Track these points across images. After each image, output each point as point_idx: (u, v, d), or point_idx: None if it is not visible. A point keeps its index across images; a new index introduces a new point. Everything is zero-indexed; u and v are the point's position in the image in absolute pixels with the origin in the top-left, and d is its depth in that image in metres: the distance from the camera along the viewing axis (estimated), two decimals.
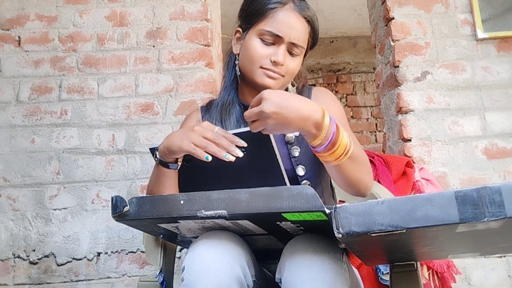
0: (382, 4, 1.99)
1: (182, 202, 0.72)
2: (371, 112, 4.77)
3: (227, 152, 0.85)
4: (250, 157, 0.85)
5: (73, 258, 1.74)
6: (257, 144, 0.86)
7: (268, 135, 0.85)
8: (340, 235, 0.61)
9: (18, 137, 1.84)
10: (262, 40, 1.03)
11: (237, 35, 1.12)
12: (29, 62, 1.91)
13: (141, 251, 1.74)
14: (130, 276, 1.73)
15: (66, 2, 1.96)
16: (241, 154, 0.85)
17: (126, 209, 0.77)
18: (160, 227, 0.83)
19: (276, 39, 1.02)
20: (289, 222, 0.73)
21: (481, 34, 1.85)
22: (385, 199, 0.60)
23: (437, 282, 1.51)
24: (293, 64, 1.06)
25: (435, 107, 1.82)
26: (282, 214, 0.68)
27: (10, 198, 1.79)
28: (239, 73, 1.10)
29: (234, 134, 0.86)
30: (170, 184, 0.96)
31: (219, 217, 0.70)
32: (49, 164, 1.82)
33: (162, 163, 0.94)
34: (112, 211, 0.78)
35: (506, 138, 1.79)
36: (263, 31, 1.03)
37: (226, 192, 0.70)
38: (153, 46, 1.92)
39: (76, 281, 1.72)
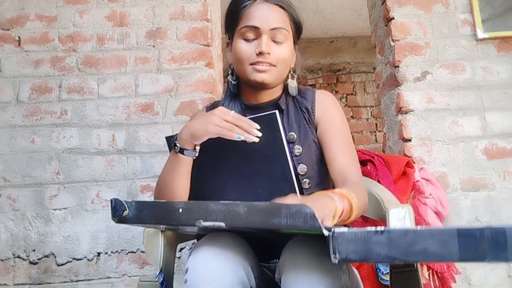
0: (382, 4, 1.99)
1: (180, 210, 0.72)
2: (371, 112, 4.77)
3: (248, 133, 0.90)
4: (259, 142, 0.89)
5: (73, 258, 1.74)
6: (266, 128, 0.89)
7: (277, 121, 0.89)
8: (336, 260, 0.60)
9: (18, 137, 1.84)
10: (245, 40, 1.06)
11: (228, 46, 1.16)
12: (29, 62, 1.91)
13: (141, 251, 1.74)
14: (130, 276, 1.73)
15: (66, 2, 1.96)
16: (260, 134, 0.90)
17: (125, 213, 0.77)
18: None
19: (256, 32, 1.04)
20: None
21: (481, 34, 1.85)
22: (384, 228, 0.58)
23: (437, 282, 1.51)
24: (281, 51, 1.06)
25: (435, 107, 1.82)
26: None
27: (10, 198, 1.79)
28: (233, 81, 1.13)
29: (249, 118, 0.91)
30: (187, 172, 0.99)
31: (218, 228, 0.70)
32: (49, 164, 1.82)
33: (182, 151, 0.97)
34: (112, 214, 0.79)
35: (506, 138, 1.79)
36: (242, 30, 1.06)
37: (224, 204, 0.69)
38: (153, 46, 1.92)
39: (76, 281, 1.72)
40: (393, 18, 1.90)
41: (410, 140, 1.79)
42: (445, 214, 1.66)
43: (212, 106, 1.20)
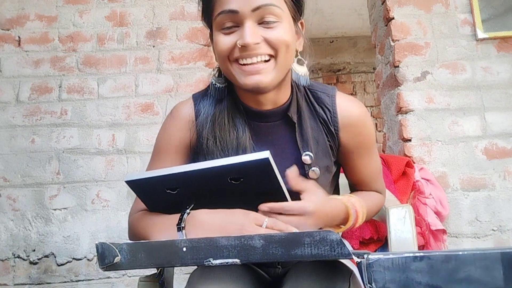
0: (382, 4, 1.99)
1: (184, 249, 0.63)
2: (371, 112, 4.77)
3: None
4: (248, 186, 0.74)
5: (73, 258, 1.74)
6: (258, 174, 0.73)
7: (271, 166, 0.71)
8: None
9: (18, 137, 1.84)
10: (223, 32, 0.80)
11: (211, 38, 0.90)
12: (29, 62, 1.91)
13: None
14: (130, 276, 1.73)
15: (66, 2, 1.96)
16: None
17: (117, 259, 0.65)
18: None
19: (234, 18, 0.78)
20: None
21: (481, 34, 1.85)
22: (423, 253, 0.54)
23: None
24: (275, 33, 0.78)
25: (435, 107, 1.82)
26: None
27: (10, 198, 1.79)
28: (221, 84, 0.90)
29: (233, 164, 0.71)
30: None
31: (231, 264, 0.62)
32: (49, 164, 1.82)
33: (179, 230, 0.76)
34: (99, 262, 0.65)
35: (506, 138, 1.79)
36: (217, 19, 0.80)
37: (237, 238, 0.61)
38: (153, 46, 1.92)
39: (76, 281, 1.72)
40: (393, 18, 1.90)
41: (410, 140, 1.79)
42: (445, 214, 1.66)
43: (202, 98, 0.95)
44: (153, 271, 0.95)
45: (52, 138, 1.84)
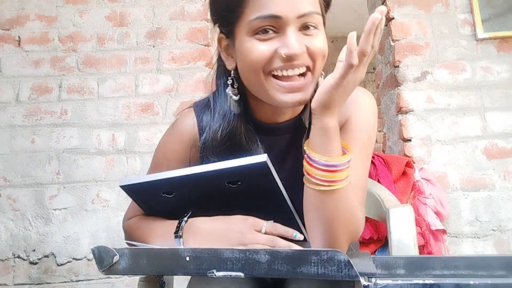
0: (382, 4, 1.99)
1: (188, 259, 0.62)
2: None
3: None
4: (245, 190, 0.72)
5: (73, 258, 1.74)
6: (256, 178, 0.70)
7: (269, 170, 0.68)
8: None
9: (18, 137, 1.84)
10: (259, 38, 0.70)
11: (223, 43, 0.79)
12: (29, 62, 1.91)
13: None
14: (130, 276, 1.73)
15: (66, 2, 1.96)
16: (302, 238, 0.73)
17: (116, 258, 0.64)
18: None
19: (276, 24, 0.69)
20: None
21: (481, 34, 1.85)
22: (433, 280, 0.53)
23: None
24: (318, 42, 0.72)
25: (435, 107, 1.82)
26: None
27: (10, 198, 1.79)
28: (235, 97, 0.78)
29: (230, 167, 0.69)
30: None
31: (235, 277, 0.61)
32: (49, 164, 1.82)
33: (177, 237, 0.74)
34: (98, 265, 0.64)
35: (506, 138, 1.79)
36: (252, 23, 0.69)
37: (242, 252, 0.59)
38: (153, 46, 1.92)
39: (76, 281, 1.72)
40: (393, 18, 1.90)
41: (410, 140, 1.79)
42: (445, 214, 1.66)
43: (203, 110, 0.88)
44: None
45: (52, 138, 1.84)
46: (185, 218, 0.74)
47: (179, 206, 0.76)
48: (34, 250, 1.74)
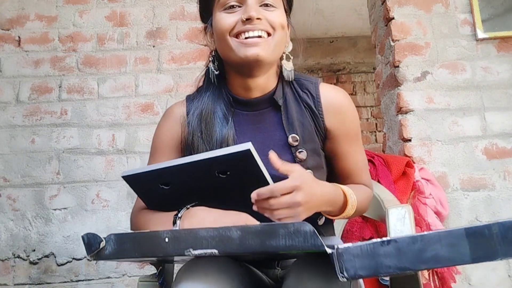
0: (382, 4, 1.99)
1: (167, 240, 0.65)
2: (371, 112, 4.77)
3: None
4: (235, 179, 0.75)
5: (73, 258, 1.74)
6: (241, 166, 0.74)
7: (253, 157, 0.72)
8: (345, 279, 0.57)
9: (18, 137, 1.84)
10: (226, 11, 0.88)
11: (207, 31, 0.98)
12: (29, 62, 1.91)
13: None
14: (130, 276, 1.73)
15: (66, 2, 1.97)
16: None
17: (102, 244, 0.70)
18: None
19: (240, 0, 0.87)
20: None
21: (481, 34, 1.85)
22: (390, 238, 0.55)
23: (437, 282, 1.51)
24: (274, 15, 0.87)
25: (435, 107, 1.82)
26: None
27: (10, 198, 1.79)
28: (216, 70, 0.95)
29: (215, 156, 0.73)
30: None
31: (210, 255, 0.64)
32: (49, 164, 1.82)
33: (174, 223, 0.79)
34: (87, 251, 0.70)
35: (506, 138, 1.79)
36: (221, 1, 0.88)
37: (215, 230, 0.63)
38: (153, 46, 1.92)
39: (76, 281, 1.72)
40: (393, 18, 1.90)
41: (410, 140, 1.79)
42: (445, 214, 1.66)
43: (194, 96, 1.02)
44: (153, 271, 0.95)
45: (52, 138, 1.84)
46: (188, 206, 0.78)
47: (177, 199, 0.80)
48: (34, 250, 1.74)
